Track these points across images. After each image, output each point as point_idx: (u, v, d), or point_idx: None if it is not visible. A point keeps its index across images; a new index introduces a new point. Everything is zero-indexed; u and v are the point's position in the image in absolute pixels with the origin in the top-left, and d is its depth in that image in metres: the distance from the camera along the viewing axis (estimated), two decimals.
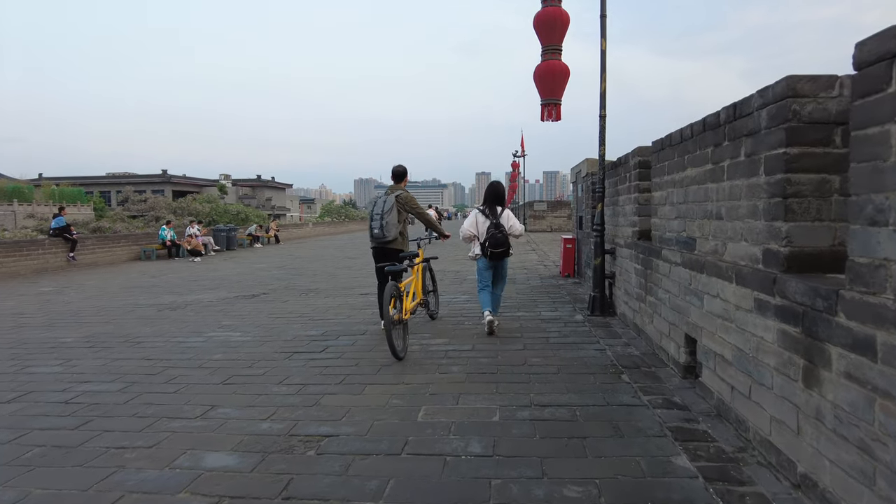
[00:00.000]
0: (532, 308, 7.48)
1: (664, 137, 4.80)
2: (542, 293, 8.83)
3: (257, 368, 4.95)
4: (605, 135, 6.75)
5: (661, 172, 4.87)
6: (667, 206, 4.70)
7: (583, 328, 6.14)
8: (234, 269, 15.05)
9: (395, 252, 6.01)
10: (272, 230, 28.25)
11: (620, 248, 6.47)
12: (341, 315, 7.42)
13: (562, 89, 7.42)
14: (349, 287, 10.35)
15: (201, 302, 9.13)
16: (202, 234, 22.09)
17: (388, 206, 5.97)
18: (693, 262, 3.98)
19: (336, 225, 44.85)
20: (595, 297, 6.79)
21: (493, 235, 5.90)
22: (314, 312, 7.71)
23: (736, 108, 3.29)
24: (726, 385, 3.37)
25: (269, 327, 6.78)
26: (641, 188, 5.73)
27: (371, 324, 6.74)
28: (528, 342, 5.56)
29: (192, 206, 33.43)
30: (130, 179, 61.41)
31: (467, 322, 6.68)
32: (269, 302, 8.88)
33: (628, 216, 6.15)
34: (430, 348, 5.43)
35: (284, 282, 11.62)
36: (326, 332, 6.33)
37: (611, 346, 5.27)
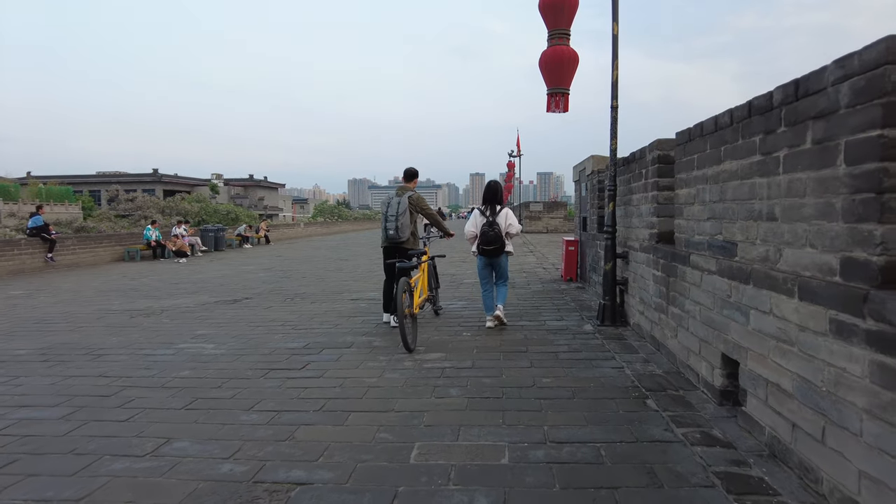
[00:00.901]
0: (536, 317, 6.88)
1: (692, 127, 4.21)
2: (545, 299, 8.24)
3: (227, 389, 4.33)
4: (617, 127, 6.16)
5: (688, 167, 4.28)
6: (696, 205, 4.12)
7: (594, 341, 5.54)
8: (219, 271, 14.38)
9: (405, 251, 6.14)
10: (262, 230, 27.55)
11: (634, 252, 5.89)
12: (327, 324, 6.80)
13: (570, 77, 6.82)
14: (338, 291, 9.72)
15: (179, 307, 8.49)
16: (189, 234, 21.41)
17: (402, 207, 6.15)
18: (734, 270, 3.39)
19: (329, 225, 44.15)
20: (605, 305, 6.20)
21: (486, 233, 6.07)
22: (298, 320, 7.09)
23: (798, 86, 2.70)
24: (785, 421, 2.78)
25: (246, 338, 6.15)
26: (661, 185, 5.14)
27: (359, 334, 6.12)
28: (536, 358, 4.96)
29: (180, 206, 32.66)
30: (121, 178, 60.48)
31: (465, 333, 6.07)
32: (251, 308, 8.25)
33: (644, 217, 5.57)
34: (425, 365, 4.82)
35: (270, 285, 10.98)
36: (309, 345, 5.71)
37: (629, 364, 4.68)
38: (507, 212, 6.20)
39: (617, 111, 6.15)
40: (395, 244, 6.23)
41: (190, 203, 34.98)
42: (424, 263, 6.37)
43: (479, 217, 6.19)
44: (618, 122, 6.15)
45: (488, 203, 6.24)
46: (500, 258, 6.24)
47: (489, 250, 6.11)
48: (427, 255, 6.52)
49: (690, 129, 4.25)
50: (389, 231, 6.17)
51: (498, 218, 6.10)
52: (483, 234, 6.07)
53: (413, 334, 5.39)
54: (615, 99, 6.14)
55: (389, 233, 6.18)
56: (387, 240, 6.28)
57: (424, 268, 6.38)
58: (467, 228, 6.30)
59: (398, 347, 5.44)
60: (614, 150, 6.17)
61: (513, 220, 6.14)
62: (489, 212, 6.17)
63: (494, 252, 6.13)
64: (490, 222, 6.07)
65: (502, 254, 6.20)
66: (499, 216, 6.12)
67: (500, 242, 6.08)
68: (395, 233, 6.13)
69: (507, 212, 6.20)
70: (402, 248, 6.18)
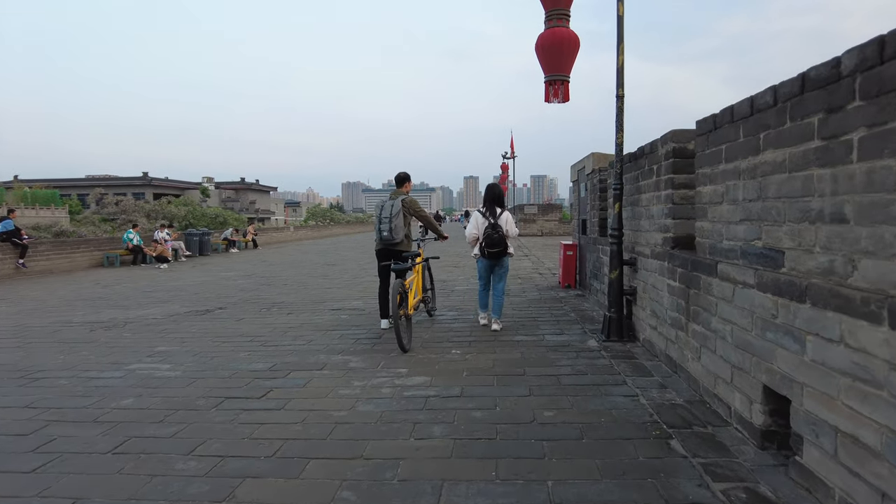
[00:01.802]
0: (533, 329, 6.20)
1: (719, 113, 3.56)
2: (543, 309, 7.57)
3: (168, 425, 3.63)
4: (624, 119, 5.51)
5: (713, 160, 3.63)
6: (724, 204, 3.46)
7: (600, 360, 4.87)
8: (198, 277, 13.65)
9: (399, 253, 6.17)
10: (249, 234, 26.78)
11: (644, 259, 5.23)
12: (301, 339, 6.10)
13: (570, 62, 6.14)
14: (320, 301, 9.02)
15: (145, 319, 7.78)
16: (172, 238, 20.65)
17: (396, 210, 6.15)
18: (781, 284, 2.73)
19: (320, 229, 43.38)
20: (611, 318, 5.54)
21: (490, 236, 6.04)
22: (269, 335, 6.38)
23: (884, 45, 2.05)
24: (868, 488, 2.11)
25: (208, 356, 5.45)
26: (677, 183, 4.49)
27: (335, 353, 5.43)
28: (535, 383, 4.28)
29: (167, 209, 31.79)
30: (110, 182, 59.56)
31: (455, 350, 5.39)
32: (221, 320, 7.54)
33: (656, 219, 4.92)
34: (407, 393, 4.13)
35: (248, 293, 10.26)
36: (276, 366, 5.01)
37: (643, 391, 4.01)
38: (508, 215, 6.20)
39: (623, 101, 5.50)
40: (388, 246, 6.25)
41: (177, 206, 34.10)
42: (419, 265, 6.40)
43: (481, 219, 6.18)
44: (624, 112, 5.50)
45: (490, 205, 6.23)
46: (503, 259, 6.27)
47: (494, 252, 6.10)
48: (421, 257, 6.56)
49: (716, 116, 3.60)
50: (384, 233, 6.17)
51: (500, 220, 6.10)
52: (487, 237, 6.05)
53: (408, 335, 5.49)
54: (621, 87, 5.49)
55: (383, 234, 6.18)
56: (381, 241, 6.27)
57: (419, 269, 6.44)
58: (469, 231, 6.30)
59: (377, 369, 4.77)
60: (620, 144, 5.52)
61: (511, 224, 6.18)
62: (491, 214, 6.15)
63: (498, 254, 6.13)
64: (493, 224, 6.06)
65: (505, 255, 6.21)
66: (500, 219, 6.11)
67: (503, 244, 6.09)
68: (388, 234, 6.14)
69: (508, 215, 6.20)
70: (396, 251, 6.21)
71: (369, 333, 6.27)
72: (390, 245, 6.22)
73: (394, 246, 6.22)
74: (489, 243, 6.05)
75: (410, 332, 5.69)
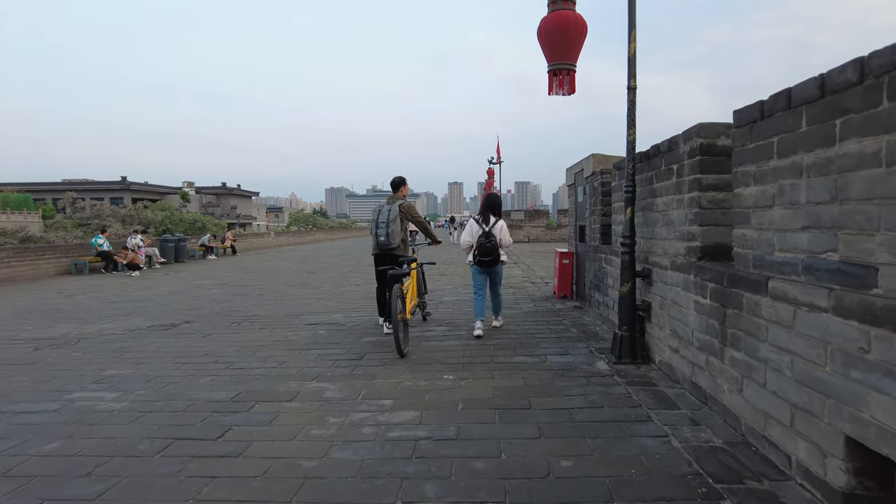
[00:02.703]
0: (533, 349, 5.56)
1: (768, 99, 2.96)
2: (541, 323, 6.93)
3: (96, 480, 2.92)
4: (636, 113, 4.92)
5: (761, 155, 3.03)
6: (778, 208, 2.86)
7: (615, 388, 4.23)
8: (170, 286, 12.82)
9: (396, 258, 6.21)
10: (228, 240, 25.87)
11: (662, 271, 4.62)
12: (272, 361, 5.39)
13: (577, 49, 5.51)
14: (296, 314, 8.29)
15: (102, 335, 7.01)
16: (146, 244, 19.74)
17: (393, 215, 6.20)
18: (877, 310, 2.12)
19: (302, 234, 42.45)
20: (623, 337, 4.91)
21: (482, 244, 6.17)
22: (237, 355, 5.67)
23: None
24: None
25: (164, 382, 4.73)
26: (705, 184, 3.89)
27: (309, 378, 4.73)
28: (544, 419, 3.62)
29: (143, 214, 30.67)
30: (87, 186, 58.13)
31: (448, 375, 4.72)
32: (186, 336, 6.80)
33: (676, 225, 4.32)
34: (391, 433, 3.45)
35: (220, 305, 9.51)
36: (240, 395, 4.31)
37: (673, 428, 3.38)
38: (502, 224, 6.30)
39: (635, 93, 4.91)
40: (385, 251, 6.29)
41: (154, 211, 32.97)
42: (414, 270, 6.42)
43: (476, 227, 6.27)
44: (636, 105, 4.91)
45: (486, 214, 6.32)
46: (496, 267, 6.36)
47: (486, 261, 6.20)
48: (416, 261, 6.60)
49: (763, 103, 3.00)
50: (380, 238, 6.21)
51: (493, 229, 6.20)
52: (480, 246, 6.16)
53: (406, 340, 5.52)
54: (633, 78, 4.89)
55: (380, 239, 6.21)
56: (378, 246, 6.32)
57: (414, 274, 6.46)
58: (463, 238, 6.42)
59: (357, 400, 4.09)
60: (632, 141, 4.91)
61: (505, 234, 6.31)
62: (485, 222, 6.25)
63: (491, 263, 6.23)
64: (487, 233, 6.16)
65: (498, 263, 6.30)
66: (494, 227, 6.21)
67: (496, 253, 6.19)
68: (385, 239, 6.18)
69: (502, 224, 6.30)
70: (393, 255, 6.26)
71: (349, 353, 5.59)
72: (387, 249, 6.26)
73: (391, 250, 6.26)
74: (481, 252, 6.16)
75: (408, 336, 5.71)
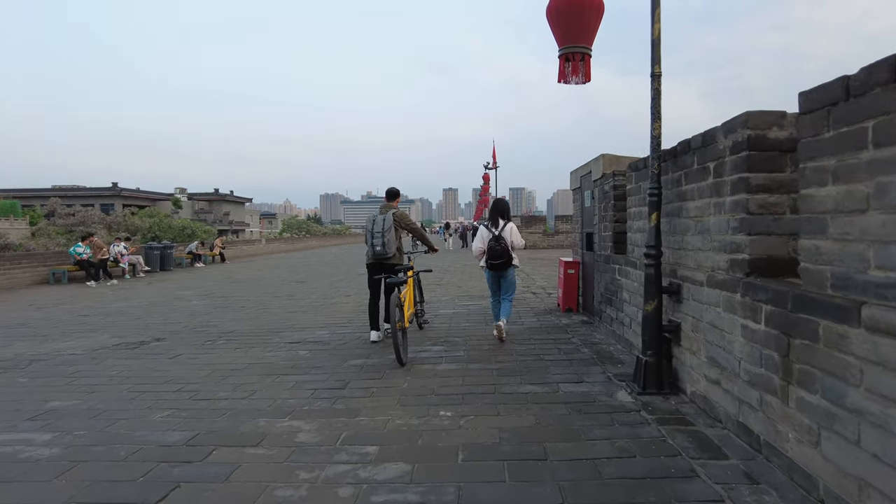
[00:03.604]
0: (542, 375, 4.86)
1: (858, 73, 2.31)
2: (547, 342, 6.24)
3: None
4: (661, 104, 4.27)
5: (844, 146, 2.37)
6: (874, 212, 2.20)
7: (645, 428, 3.54)
8: (149, 297, 12.09)
9: (391, 266, 6.22)
10: (216, 247, 25.11)
11: (695, 287, 3.95)
12: (242, 390, 4.68)
13: (593, 31, 4.82)
14: (278, 329, 7.58)
15: (59, 355, 6.29)
16: (130, 252, 18.98)
17: (388, 224, 6.19)
18: None
19: (294, 241, 41.67)
20: (647, 363, 4.24)
21: (493, 248, 6.18)
22: (204, 382, 4.96)
23: None
24: None
25: (111, 418, 4.02)
26: (754, 185, 3.23)
27: (281, 414, 4.02)
28: (565, 474, 2.91)
29: (129, 221, 29.86)
30: (78, 192, 57.27)
31: (445, 410, 4.00)
32: (152, 357, 6.09)
33: (714, 234, 3.65)
34: (375, 496, 2.73)
35: (198, 318, 8.79)
36: (197, 438, 3.59)
37: (728, 489, 2.68)
38: (512, 227, 6.28)
39: (660, 80, 4.26)
40: (381, 260, 6.29)
41: (141, 218, 32.12)
42: (410, 278, 6.39)
43: (486, 232, 6.31)
44: (661, 94, 4.26)
45: (494, 218, 6.35)
46: (508, 271, 6.32)
47: (497, 264, 6.21)
48: (412, 270, 6.58)
49: (851, 78, 2.35)
50: (376, 247, 6.19)
51: (503, 232, 6.20)
52: (490, 250, 6.17)
53: (405, 348, 5.42)
54: (657, 64, 4.25)
55: (376, 249, 6.20)
56: (373, 256, 6.29)
57: (410, 283, 6.42)
58: (475, 245, 6.48)
59: (336, 445, 3.40)
60: (657, 136, 4.26)
61: (515, 237, 6.26)
62: (494, 226, 6.26)
63: (502, 266, 6.23)
64: (496, 237, 6.17)
65: (510, 267, 6.28)
66: (503, 231, 6.21)
67: (507, 256, 6.18)
68: (381, 249, 6.17)
69: (512, 227, 6.28)
70: (389, 264, 6.27)
71: (331, 380, 4.88)
72: (383, 259, 6.24)
73: (386, 260, 6.24)
74: (492, 255, 6.16)
75: (406, 345, 5.56)
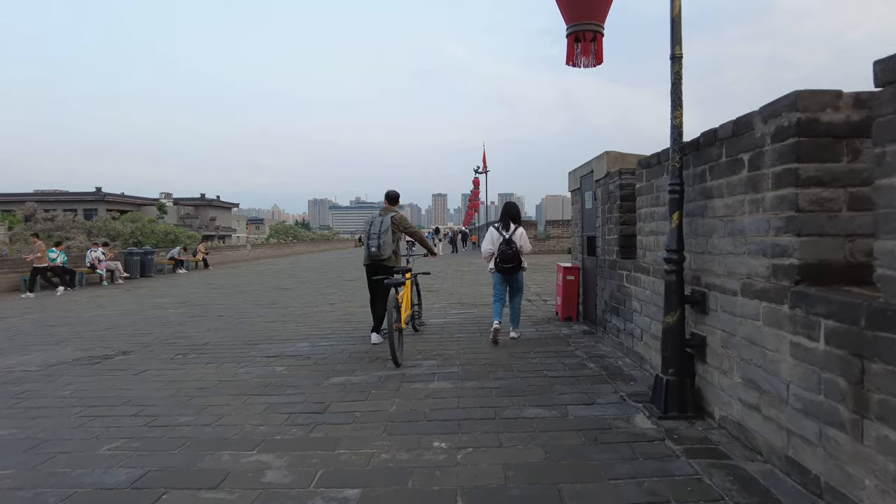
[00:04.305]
0: (548, 396, 4.32)
1: None
2: (549, 355, 5.72)
3: None
4: (682, 90, 3.78)
5: None
6: None
7: (674, 462, 3.02)
8: (123, 305, 11.43)
9: (387, 268, 6.29)
10: (200, 253, 24.38)
11: (724, 296, 3.45)
12: (208, 414, 4.10)
13: (605, 7, 4.37)
14: (255, 341, 7.00)
15: (10, 373, 5.69)
16: (108, 258, 18.28)
17: (385, 226, 6.28)
18: None
19: (281, 247, 40.92)
20: (669, 382, 3.73)
21: (504, 252, 6.21)
22: (166, 404, 4.37)
23: None
24: None
25: (49, 451, 3.43)
26: (804, 177, 2.74)
27: (248, 445, 3.43)
28: None
29: (110, 226, 29.00)
30: (60, 197, 56.20)
31: (439, 441, 3.45)
32: (115, 374, 5.49)
33: (750, 235, 3.16)
34: None
35: (171, 328, 8.18)
36: (145, 478, 3.00)
37: None
38: (522, 231, 6.33)
39: (681, 63, 3.78)
40: (376, 261, 6.34)
41: (123, 223, 31.24)
42: (408, 281, 6.47)
43: (496, 235, 6.33)
44: (682, 80, 3.77)
45: (505, 222, 6.37)
46: (518, 274, 6.39)
47: (508, 268, 6.26)
48: (410, 272, 6.66)
49: None
50: (372, 248, 6.27)
51: (514, 236, 6.24)
52: (502, 253, 6.21)
53: (401, 349, 5.46)
54: (678, 45, 3.76)
55: (372, 250, 6.28)
56: (369, 257, 6.38)
57: (408, 285, 6.49)
58: (484, 247, 6.48)
59: (310, 488, 2.84)
60: (679, 125, 3.77)
61: (526, 240, 6.32)
62: (505, 230, 6.30)
63: (513, 269, 6.28)
64: (508, 240, 6.21)
65: (519, 270, 6.34)
66: (514, 234, 6.24)
67: (517, 260, 6.24)
68: (377, 250, 6.25)
69: (522, 231, 6.33)
70: (385, 266, 6.32)
71: (309, 402, 4.32)
72: (378, 260, 6.31)
73: (382, 261, 6.31)
74: (503, 258, 6.19)
75: (402, 345, 5.60)
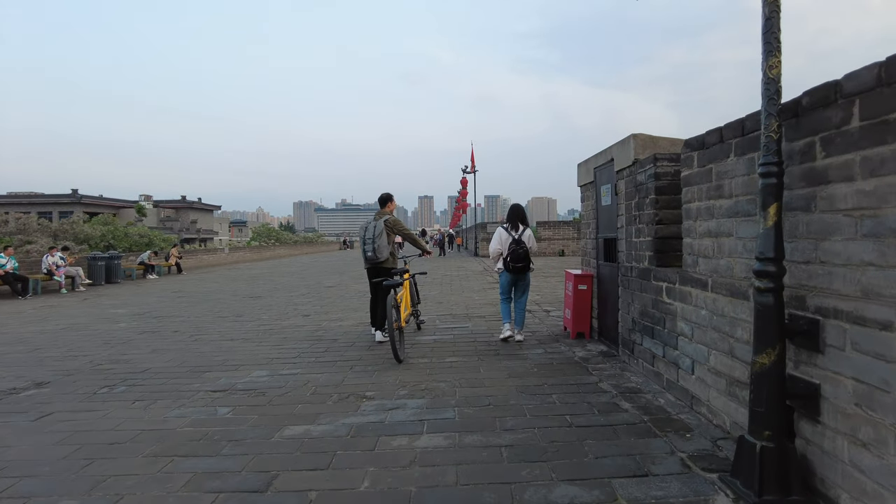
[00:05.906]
0: (580, 460, 3.13)
1: None
2: (568, 390, 4.52)
3: None
4: (779, 29, 2.63)
5: None
6: None
7: None
8: (70, 318, 10.06)
9: (386, 270, 6.55)
10: (172, 257, 22.93)
11: (854, 328, 2.30)
12: (98, 497, 2.87)
13: None
14: (205, 367, 5.73)
15: None
16: (68, 263, 16.85)
17: (378, 230, 6.52)
18: None
19: (261, 250, 39.39)
20: (766, 449, 2.58)
21: (514, 251, 6.29)
22: (48, 475, 3.11)
23: None
24: None
25: None
26: None
27: None
28: None
29: (78, 229, 27.37)
30: (34, 199, 54.20)
31: None
32: (7, 417, 4.22)
33: None
34: None
35: (111, 349, 6.90)
36: None
37: None
38: (530, 233, 6.39)
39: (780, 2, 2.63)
40: (375, 265, 6.56)
41: (93, 226, 29.59)
42: (406, 281, 6.69)
43: (505, 235, 6.38)
44: (780, 14, 2.63)
45: (514, 223, 6.44)
46: (526, 274, 6.46)
47: (518, 267, 6.31)
48: (408, 273, 6.87)
49: None
50: (368, 253, 6.48)
51: (523, 237, 6.33)
52: (512, 253, 6.27)
53: (402, 346, 5.64)
54: None
55: (368, 255, 6.49)
56: (367, 261, 6.58)
57: (406, 285, 6.71)
58: (493, 247, 6.51)
59: None
60: (776, 77, 2.62)
61: (533, 241, 6.37)
62: (514, 230, 6.37)
63: (523, 269, 6.34)
64: (517, 240, 6.29)
65: (528, 270, 6.40)
66: (523, 235, 6.34)
67: (528, 260, 6.31)
68: (373, 254, 6.45)
69: (530, 233, 6.39)
70: (384, 268, 6.53)
71: (249, 473, 3.08)
72: (376, 263, 6.54)
73: (380, 264, 6.53)
74: (514, 258, 6.26)
75: (403, 343, 5.77)
